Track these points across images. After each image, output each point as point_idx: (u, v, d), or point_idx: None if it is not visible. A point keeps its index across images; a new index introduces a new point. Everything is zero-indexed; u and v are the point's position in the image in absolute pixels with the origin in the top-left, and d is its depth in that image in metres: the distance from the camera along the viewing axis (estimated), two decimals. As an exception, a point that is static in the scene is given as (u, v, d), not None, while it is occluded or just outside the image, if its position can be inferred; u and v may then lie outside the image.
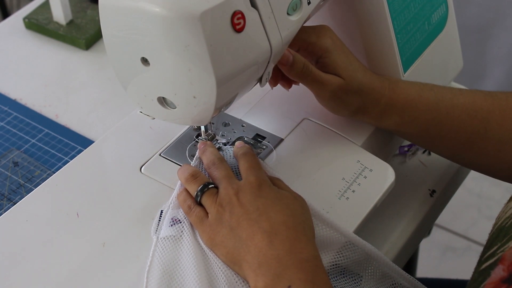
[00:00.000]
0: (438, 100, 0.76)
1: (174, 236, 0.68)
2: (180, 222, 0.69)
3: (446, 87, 0.78)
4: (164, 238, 0.68)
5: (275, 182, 0.70)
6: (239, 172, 0.72)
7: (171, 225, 0.69)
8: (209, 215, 0.67)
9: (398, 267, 0.71)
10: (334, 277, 0.69)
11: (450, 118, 0.76)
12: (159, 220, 0.70)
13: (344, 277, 0.69)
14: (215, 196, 0.68)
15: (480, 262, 0.64)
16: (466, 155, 0.78)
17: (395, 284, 0.70)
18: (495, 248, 0.62)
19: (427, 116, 0.76)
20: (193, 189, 0.69)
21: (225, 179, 0.69)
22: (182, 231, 0.69)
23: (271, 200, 0.66)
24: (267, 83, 0.73)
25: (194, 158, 0.75)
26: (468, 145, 0.76)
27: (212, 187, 0.69)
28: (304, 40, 0.73)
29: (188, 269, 0.66)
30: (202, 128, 0.78)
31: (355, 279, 0.70)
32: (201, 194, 0.68)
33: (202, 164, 0.74)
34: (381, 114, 0.77)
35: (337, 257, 0.69)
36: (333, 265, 0.69)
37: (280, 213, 0.65)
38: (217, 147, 0.77)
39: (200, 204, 0.69)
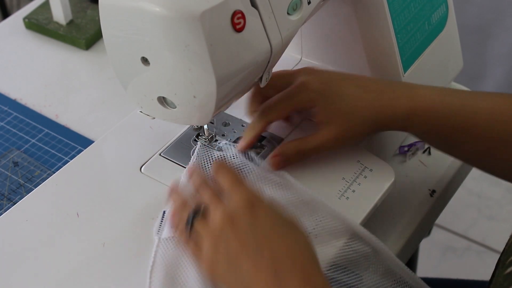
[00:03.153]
0: (461, 105, 0.73)
1: (175, 237, 0.68)
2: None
3: (466, 91, 0.76)
4: (166, 239, 0.68)
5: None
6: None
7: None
8: (204, 245, 0.63)
9: (402, 263, 0.70)
10: (336, 273, 0.69)
11: (474, 123, 0.73)
12: (161, 221, 0.70)
13: (345, 273, 0.69)
14: (206, 224, 0.64)
15: (504, 266, 0.62)
16: (489, 160, 0.76)
17: (398, 280, 0.70)
18: None
19: (451, 122, 0.73)
20: (184, 218, 0.66)
21: (212, 204, 0.65)
22: None
23: (269, 227, 0.61)
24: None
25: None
26: (491, 150, 0.74)
27: (202, 213, 0.65)
28: (288, 104, 0.73)
29: (191, 270, 0.65)
30: (205, 127, 0.78)
31: (357, 275, 0.69)
32: (192, 222, 0.65)
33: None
34: (404, 124, 0.74)
35: (343, 250, 0.69)
36: (335, 263, 0.69)
37: (283, 243, 0.61)
38: (216, 147, 0.77)
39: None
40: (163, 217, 0.71)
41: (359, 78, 0.76)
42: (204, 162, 0.75)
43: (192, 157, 0.76)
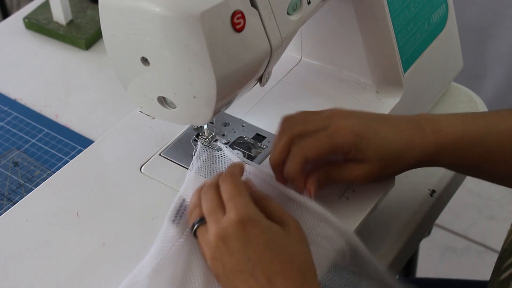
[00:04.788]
0: (485, 131, 0.73)
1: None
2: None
3: (487, 114, 0.75)
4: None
5: (263, 203, 0.66)
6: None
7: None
8: (206, 254, 0.64)
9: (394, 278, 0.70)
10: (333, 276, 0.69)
11: (499, 147, 0.72)
12: (179, 209, 0.68)
13: (343, 276, 0.69)
14: (206, 234, 0.64)
15: (498, 272, 0.62)
16: None
17: None
18: None
19: (477, 151, 0.73)
20: (191, 221, 0.66)
21: (208, 216, 0.65)
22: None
23: (263, 246, 0.61)
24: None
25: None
26: None
27: (204, 222, 0.65)
28: (330, 145, 0.71)
29: (200, 267, 0.66)
30: (205, 127, 0.78)
31: (355, 279, 0.69)
32: (196, 228, 0.65)
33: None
34: (432, 160, 0.74)
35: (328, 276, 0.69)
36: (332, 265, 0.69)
37: (276, 261, 0.60)
38: (216, 147, 0.77)
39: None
40: (180, 206, 0.69)
41: (390, 119, 0.75)
42: (205, 162, 0.75)
43: (194, 157, 0.76)
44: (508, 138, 0.72)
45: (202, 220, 0.65)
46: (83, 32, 1.10)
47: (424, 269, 1.71)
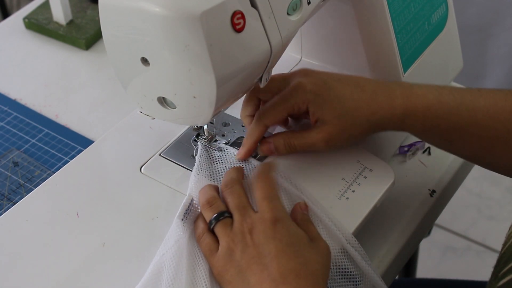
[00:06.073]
0: (459, 104, 0.72)
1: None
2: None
3: (464, 89, 0.75)
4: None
5: (296, 216, 0.68)
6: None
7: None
8: (220, 246, 0.65)
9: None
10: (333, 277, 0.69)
11: (472, 122, 0.72)
12: (188, 208, 0.69)
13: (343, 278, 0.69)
14: (228, 227, 0.66)
15: (496, 278, 0.62)
16: (489, 157, 0.75)
17: None
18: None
19: (449, 121, 0.72)
20: (208, 217, 0.68)
21: (238, 210, 0.67)
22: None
23: (285, 244, 0.63)
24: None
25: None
26: (491, 148, 0.73)
27: (227, 216, 0.67)
28: (284, 106, 0.73)
29: (203, 266, 0.66)
30: (205, 127, 0.78)
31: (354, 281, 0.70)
32: (215, 223, 0.67)
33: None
34: (401, 125, 0.73)
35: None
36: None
37: (293, 261, 0.62)
38: (216, 147, 0.77)
39: (213, 230, 0.67)
40: (189, 205, 0.70)
41: (355, 79, 0.75)
42: (206, 162, 0.75)
43: (197, 157, 0.76)
44: (481, 114, 0.71)
45: (219, 217, 0.67)
46: (83, 32, 1.10)
47: (424, 269, 1.71)
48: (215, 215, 0.67)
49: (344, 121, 0.72)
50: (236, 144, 0.80)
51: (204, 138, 0.79)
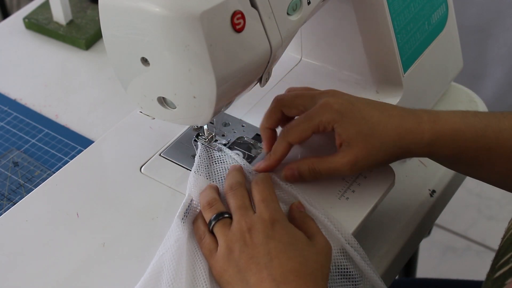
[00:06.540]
0: (485, 126, 0.71)
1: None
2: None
3: (488, 113, 0.74)
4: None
5: (293, 215, 0.69)
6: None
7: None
8: (218, 246, 0.66)
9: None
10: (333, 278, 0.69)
11: (500, 144, 0.70)
12: (188, 208, 0.70)
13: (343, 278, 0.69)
14: (227, 228, 0.66)
15: (493, 270, 0.62)
16: None
17: None
18: (508, 255, 0.61)
19: (477, 143, 0.70)
20: (208, 218, 0.68)
21: (239, 211, 0.67)
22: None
23: (284, 244, 0.64)
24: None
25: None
26: None
27: (226, 217, 0.67)
28: (310, 125, 0.71)
29: (202, 266, 0.66)
30: (205, 127, 0.78)
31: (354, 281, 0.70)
32: (214, 223, 0.67)
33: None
34: (428, 150, 0.71)
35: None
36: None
37: (292, 260, 0.63)
38: (216, 147, 0.77)
39: (213, 232, 0.67)
40: (189, 205, 0.70)
41: (382, 104, 0.73)
42: (205, 162, 0.75)
43: (196, 157, 0.76)
44: (510, 135, 0.70)
45: (219, 217, 0.67)
46: (83, 32, 1.10)
47: (424, 269, 1.71)
48: (214, 215, 0.67)
49: (370, 144, 0.70)
50: (236, 144, 0.80)
51: (204, 138, 0.79)
